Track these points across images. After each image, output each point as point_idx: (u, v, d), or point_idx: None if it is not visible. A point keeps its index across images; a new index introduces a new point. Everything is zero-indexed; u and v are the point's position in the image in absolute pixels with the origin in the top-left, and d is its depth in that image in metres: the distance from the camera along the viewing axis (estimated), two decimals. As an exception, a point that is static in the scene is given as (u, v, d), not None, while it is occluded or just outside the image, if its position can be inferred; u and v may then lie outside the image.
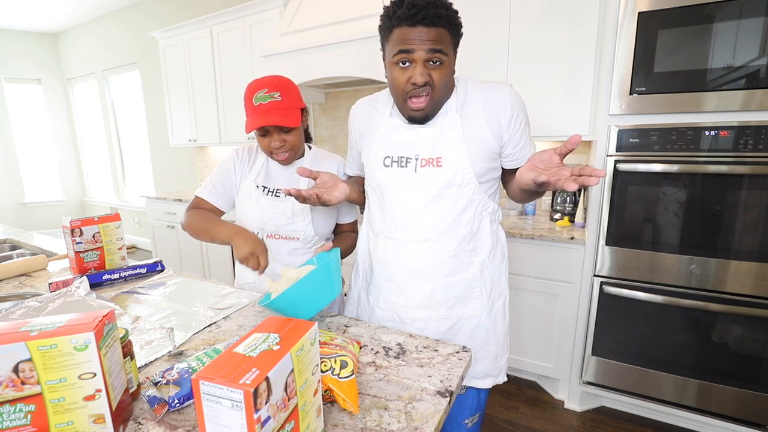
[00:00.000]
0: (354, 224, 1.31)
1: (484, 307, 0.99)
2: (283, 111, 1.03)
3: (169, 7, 3.89)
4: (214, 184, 1.18)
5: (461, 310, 0.98)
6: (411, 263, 0.97)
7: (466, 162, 0.92)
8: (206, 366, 0.45)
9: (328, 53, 2.25)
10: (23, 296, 1.11)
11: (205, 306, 1.05)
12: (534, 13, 1.92)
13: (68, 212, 5.62)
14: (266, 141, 1.07)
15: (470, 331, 0.99)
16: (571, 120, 1.92)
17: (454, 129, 0.93)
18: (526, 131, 0.99)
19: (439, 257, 0.95)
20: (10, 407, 0.50)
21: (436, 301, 0.97)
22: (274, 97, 1.02)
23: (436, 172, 0.93)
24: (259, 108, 1.02)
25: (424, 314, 0.98)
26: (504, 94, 0.94)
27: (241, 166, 1.18)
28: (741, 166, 1.43)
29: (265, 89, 1.02)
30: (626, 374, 1.73)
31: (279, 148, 1.07)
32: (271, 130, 1.05)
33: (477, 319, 0.99)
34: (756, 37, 1.35)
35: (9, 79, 5.09)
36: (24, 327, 0.52)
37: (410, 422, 0.60)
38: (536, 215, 2.28)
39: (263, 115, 1.02)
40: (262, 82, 1.04)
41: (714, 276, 1.53)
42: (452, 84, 0.95)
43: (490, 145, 0.94)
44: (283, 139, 1.07)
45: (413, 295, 0.98)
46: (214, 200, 1.17)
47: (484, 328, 1.00)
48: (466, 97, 0.95)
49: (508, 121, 0.94)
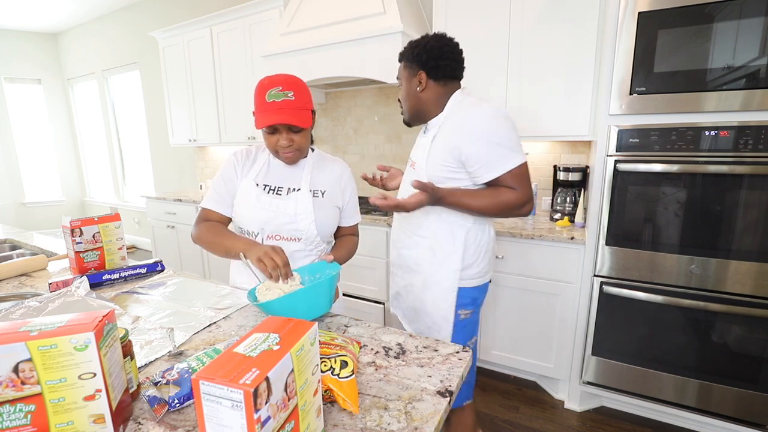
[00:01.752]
0: (355, 227, 1.30)
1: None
2: (296, 111, 1.02)
3: (169, 7, 3.89)
4: (218, 191, 1.16)
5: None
6: (396, 233, 1.40)
7: (424, 168, 1.22)
8: (206, 366, 0.45)
9: (328, 53, 2.25)
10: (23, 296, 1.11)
11: (205, 306, 1.05)
12: (534, 13, 1.92)
13: (68, 212, 5.62)
14: (274, 139, 1.06)
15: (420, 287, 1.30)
16: (571, 120, 1.92)
17: (427, 140, 1.24)
18: (489, 155, 1.13)
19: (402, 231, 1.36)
20: (10, 407, 0.50)
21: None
22: (287, 96, 1.01)
23: (412, 172, 1.30)
24: (272, 105, 1.01)
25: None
26: (474, 119, 1.14)
27: (241, 168, 1.16)
28: (741, 166, 1.43)
29: (279, 87, 1.01)
30: (626, 374, 1.73)
31: (286, 147, 1.06)
32: (281, 128, 1.04)
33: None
34: (756, 37, 1.35)
35: (9, 79, 5.09)
36: (24, 327, 0.52)
37: (410, 422, 0.60)
38: (536, 215, 2.28)
39: (276, 112, 1.01)
40: (276, 80, 1.03)
41: (714, 276, 1.53)
42: (438, 101, 1.24)
43: (447, 158, 1.17)
44: (291, 139, 1.06)
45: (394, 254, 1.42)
46: (220, 208, 1.15)
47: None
48: (449, 114, 1.20)
49: (466, 141, 1.13)
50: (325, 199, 1.17)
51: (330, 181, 1.20)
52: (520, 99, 2.03)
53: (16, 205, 5.30)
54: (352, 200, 1.25)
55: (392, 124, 2.80)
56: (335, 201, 1.20)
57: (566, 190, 2.11)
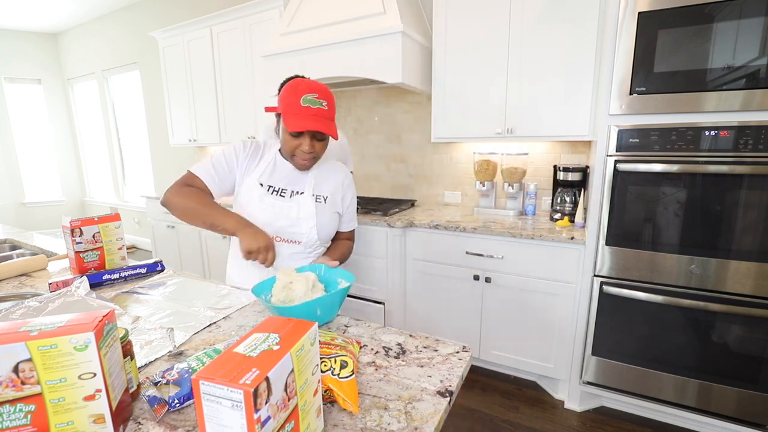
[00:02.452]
0: (352, 233, 1.31)
1: None
2: (329, 121, 1.03)
3: (169, 7, 3.89)
4: (214, 166, 1.11)
5: None
6: None
7: None
8: (206, 366, 0.45)
9: (328, 53, 2.25)
10: (23, 296, 1.11)
11: (205, 306, 1.04)
12: (534, 13, 1.92)
13: (68, 212, 5.62)
14: (296, 143, 1.05)
15: None
16: (571, 120, 1.93)
17: None
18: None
19: None
20: (10, 407, 0.50)
21: None
22: (322, 105, 1.02)
23: None
24: (308, 110, 1.01)
25: None
26: None
27: (246, 158, 1.14)
28: (741, 166, 1.43)
29: (316, 94, 1.01)
30: (626, 374, 1.73)
31: (308, 153, 1.06)
32: (307, 134, 1.04)
33: None
34: (756, 37, 1.35)
35: (9, 79, 5.09)
36: (24, 327, 0.52)
37: (410, 422, 0.60)
38: (536, 215, 2.28)
39: (310, 119, 1.00)
40: (313, 87, 1.03)
41: (714, 276, 1.53)
42: None
43: None
44: (313, 146, 1.06)
45: None
46: (210, 182, 1.10)
47: None
48: None
49: None
50: (327, 205, 1.17)
51: (333, 187, 1.20)
52: (520, 99, 2.03)
53: (16, 205, 5.30)
54: (351, 206, 1.26)
55: (392, 124, 2.81)
56: (336, 207, 1.21)
57: (566, 190, 2.11)
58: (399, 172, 2.86)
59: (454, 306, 2.14)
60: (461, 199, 2.64)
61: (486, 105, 2.12)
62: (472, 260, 2.03)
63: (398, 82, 2.08)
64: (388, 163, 2.90)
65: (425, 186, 2.77)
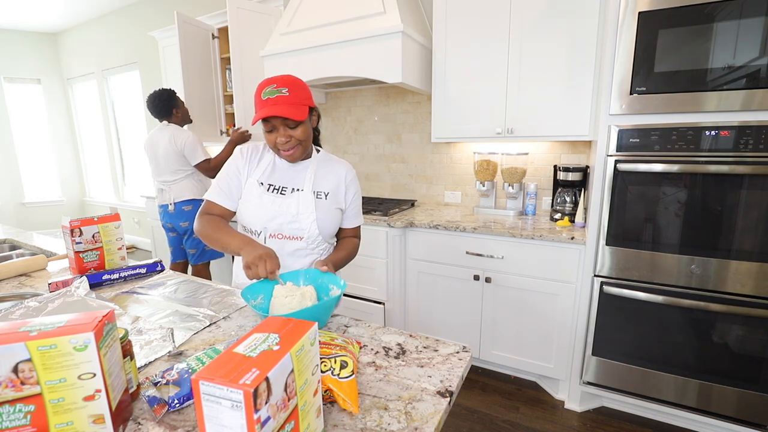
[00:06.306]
0: (357, 230, 1.31)
1: None
2: (290, 105, 1.04)
3: (169, 7, 3.88)
4: (221, 185, 1.17)
5: None
6: None
7: None
8: (206, 366, 0.45)
9: (328, 53, 2.25)
10: (23, 296, 1.11)
11: (205, 306, 1.04)
12: (534, 12, 1.92)
13: (68, 212, 5.61)
14: (273, 137, 1.08)
15: None
16: (571, 120, 1.92)
17: None
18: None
19: None
20: (10, 407, 0.50)
21: None
22: (281, 92, 1.03)
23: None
24: (267, 101, 1.03)
25: None
26: None
27: (246, 164, 1.17)
28: (741, 166, 1.43)
29: (274, 85, 1.04)
30: (626, 374, 1.73)
31: (285, 143, 1.07)
32: (278, 125, 1.05)
33: None
34: (756, 37, 1.35)
35: (9, 79, 5.08)
36: (24, 327, 0.52)
37: (410, 422, 0.60)
38: (536, 215, 2.28)
39: (268, 107, 1.03)
40: (272, 80, 1.05)
41: (714, 276, 1.53)
42: None
43: None
44: (289, 135, 1.07)
45: None
46: (224, 201, 1.16)
47: None
48: None
49: None
50: (327, 201, 1.17)
51: (334, 183, 1.20)
52: (520, 99, 2.03)
53: (15, 205, 5.29)
54: (354, 202, 1.26)
55: (392, 124, 2.80)
56: (338, 203, 1.20)
57: (566, 190, 2.10)
58: (399, 172, 2.86)
59: (454, 306, 2.14)
60: (461, 199, 2.65)
61: (486, 105, 2.12)
62: (472, 260, 2.03)
63: (398, 81, 2.08)
64: (388, 163, 2.90)
65: (425, 186, 2.77)
